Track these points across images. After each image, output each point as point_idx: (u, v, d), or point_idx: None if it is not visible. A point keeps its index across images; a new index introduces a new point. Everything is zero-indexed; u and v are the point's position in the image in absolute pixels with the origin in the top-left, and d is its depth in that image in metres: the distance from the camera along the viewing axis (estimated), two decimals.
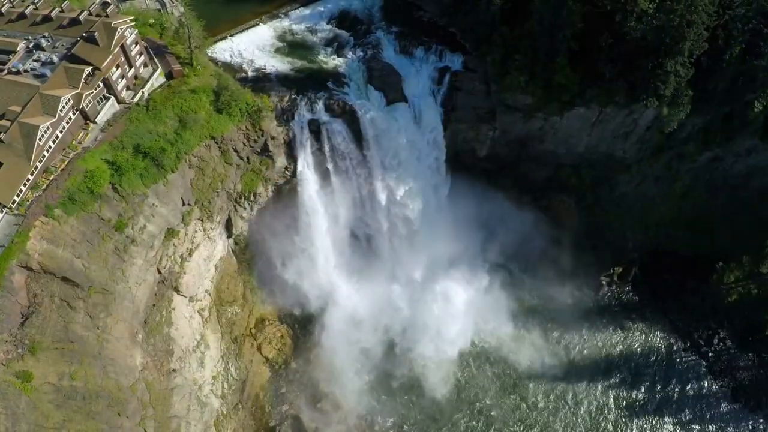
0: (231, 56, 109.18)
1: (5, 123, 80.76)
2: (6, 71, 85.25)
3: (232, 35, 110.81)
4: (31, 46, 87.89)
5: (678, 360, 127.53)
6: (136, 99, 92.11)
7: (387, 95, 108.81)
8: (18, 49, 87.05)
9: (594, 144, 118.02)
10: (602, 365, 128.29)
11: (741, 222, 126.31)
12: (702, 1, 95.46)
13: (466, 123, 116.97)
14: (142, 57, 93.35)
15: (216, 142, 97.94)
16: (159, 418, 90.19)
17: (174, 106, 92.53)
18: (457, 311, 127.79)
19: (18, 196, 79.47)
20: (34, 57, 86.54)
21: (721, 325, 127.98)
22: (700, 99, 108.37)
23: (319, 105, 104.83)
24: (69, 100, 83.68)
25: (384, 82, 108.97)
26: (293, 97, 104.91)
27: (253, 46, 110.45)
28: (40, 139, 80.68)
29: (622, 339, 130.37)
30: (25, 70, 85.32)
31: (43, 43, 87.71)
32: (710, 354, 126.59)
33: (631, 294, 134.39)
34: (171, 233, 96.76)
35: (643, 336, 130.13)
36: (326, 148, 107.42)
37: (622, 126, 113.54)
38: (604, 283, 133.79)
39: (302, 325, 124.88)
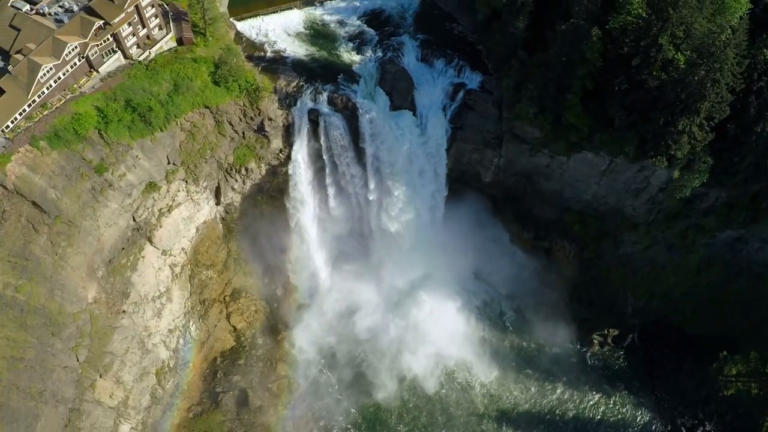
0: (257, 34, 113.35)
1: (19, 57, 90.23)
2: (35, 11, 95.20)
3: (263, 14, 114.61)
4: None
5: None
6: (141, 57, 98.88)
7: (394, 100, 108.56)
8: None
9: (603, 194, 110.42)
10: (573, 428, 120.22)
11: (759, 314, 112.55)
12: (728, 59, 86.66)
13: (472, 144, 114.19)
14: (157, 19, 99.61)
15: (211, 112, 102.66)
16: (94, 350, 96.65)
17: (172, 70, 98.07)
18: (432, 337, 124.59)
19: (12, 123, 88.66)
20: (60, 3, 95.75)
21: (709, 418, 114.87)
22: (724, 170, 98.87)
23: (323, 96, 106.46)
24: (76, 47, 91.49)
25: (394, 86, 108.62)
26: (301, 84, 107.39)
27: (280, 29, 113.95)
28: (42, 77, 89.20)
29: (602, 405, 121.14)
30: (50, 14, 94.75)
31: None
32: None
33: (622, 360, 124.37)
34: (152, 186, 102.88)
35: (624, 408, 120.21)
36: (322, 139, 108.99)
37: (634, 181, 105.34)
38: (595, 342, 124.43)
39: (279, 306, 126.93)
